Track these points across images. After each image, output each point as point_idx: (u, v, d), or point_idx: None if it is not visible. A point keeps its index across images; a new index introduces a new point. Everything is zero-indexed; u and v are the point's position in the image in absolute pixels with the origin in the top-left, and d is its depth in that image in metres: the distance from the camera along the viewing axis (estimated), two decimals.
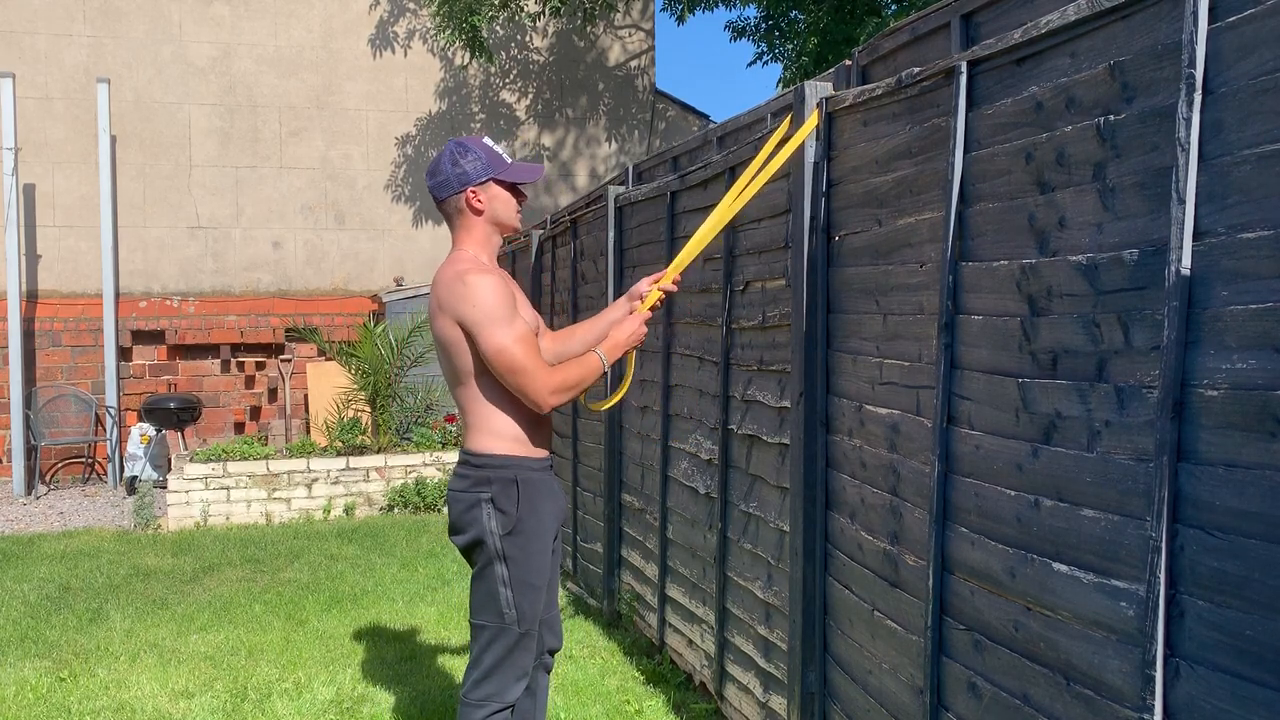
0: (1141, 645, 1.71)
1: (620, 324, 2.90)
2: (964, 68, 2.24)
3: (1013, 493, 2.07)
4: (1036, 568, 1.99)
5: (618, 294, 4.96)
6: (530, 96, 11.29)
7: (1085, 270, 1.88)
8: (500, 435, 2.73)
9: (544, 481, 2.78)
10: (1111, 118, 1.82)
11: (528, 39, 11.23)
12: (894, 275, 2.58)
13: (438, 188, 2.75)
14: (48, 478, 9.76)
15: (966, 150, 2.25)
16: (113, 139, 9.75)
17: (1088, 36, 1.90)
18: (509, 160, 2.78)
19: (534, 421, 2.77)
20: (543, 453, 2.81)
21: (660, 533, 4.36)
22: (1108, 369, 1.82)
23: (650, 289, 2.97)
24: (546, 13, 10.04)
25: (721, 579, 3.71)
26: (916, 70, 2.44)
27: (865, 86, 2.72)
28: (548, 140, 11.34)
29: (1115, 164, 1.82)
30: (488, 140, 2.79)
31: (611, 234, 4.96)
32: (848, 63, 2.95)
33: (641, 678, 4.27)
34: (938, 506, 2.30)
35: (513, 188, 2.78)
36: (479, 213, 2.74)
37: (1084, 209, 1.89)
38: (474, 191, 2.72)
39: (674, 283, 3.01)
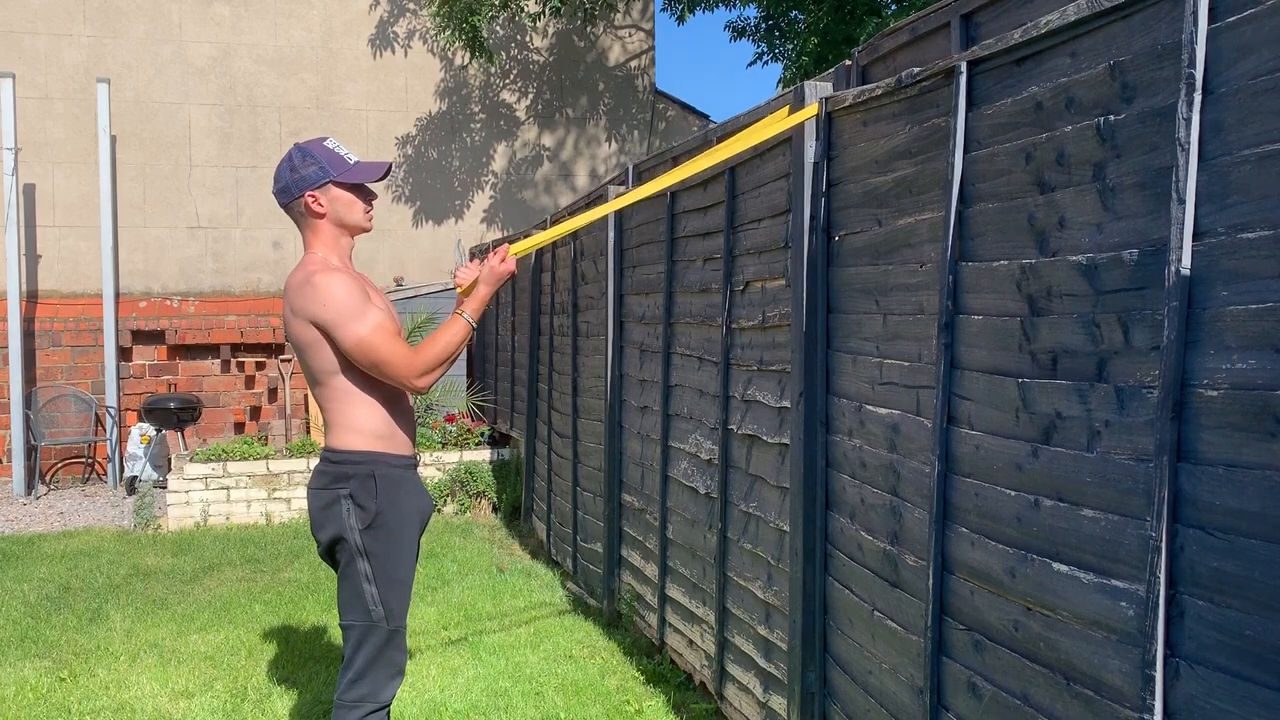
0: (1141, 645, 1.71)
1: (484, 276, 2.81)
2: (964, 68, 2.24)
3: (1013, 493, 2.07)
4: (1036, 568, 1.99)
5: (617, 293, 4.96)
6: (530, 96, 11.29)
7: (1085, 270, 1.88)
8: (358, 432, 2.73)
9: (405, 478, 2.77)
10: (1111, 118, 1.82)
11: (528, 39, 11.23)
12: (894, 275, 2.58)
13: (280, 194, 2.79)
14: (48, 478, 9.76)
15: (966, 150, 2.25)
16: (113, 139, 9.75)
17: (1087, 36, 1.90)
18: (351, 162, 2.78)
19: (394, 419, 2.78)
20: (404, 451, 2.81)
21: (660, 533, 4.36)
22: (1108, 369, 1.82)
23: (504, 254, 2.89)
24: (546, 13, 10.03)
25: (721, 579, 3.71)
26: (916, 70, 2.44)
27: (865, 86, 2.72)
28: (548, 140, 11.34)
29: (1115, 164, 1.82)
30: (330, 143, 2.80)
31: (611, 234, 4.96)
32: (848, 63, 2.95)
33: (641, 678, 4.28)
34: (938, 506, 2.30)
35: (356, 188, 2.80)
36: (320, 215, 2.77)
37: (1084, 209, 1.89)
38: (313, 195, 2.75)
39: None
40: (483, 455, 8.21)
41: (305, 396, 10.24)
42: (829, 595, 2.97)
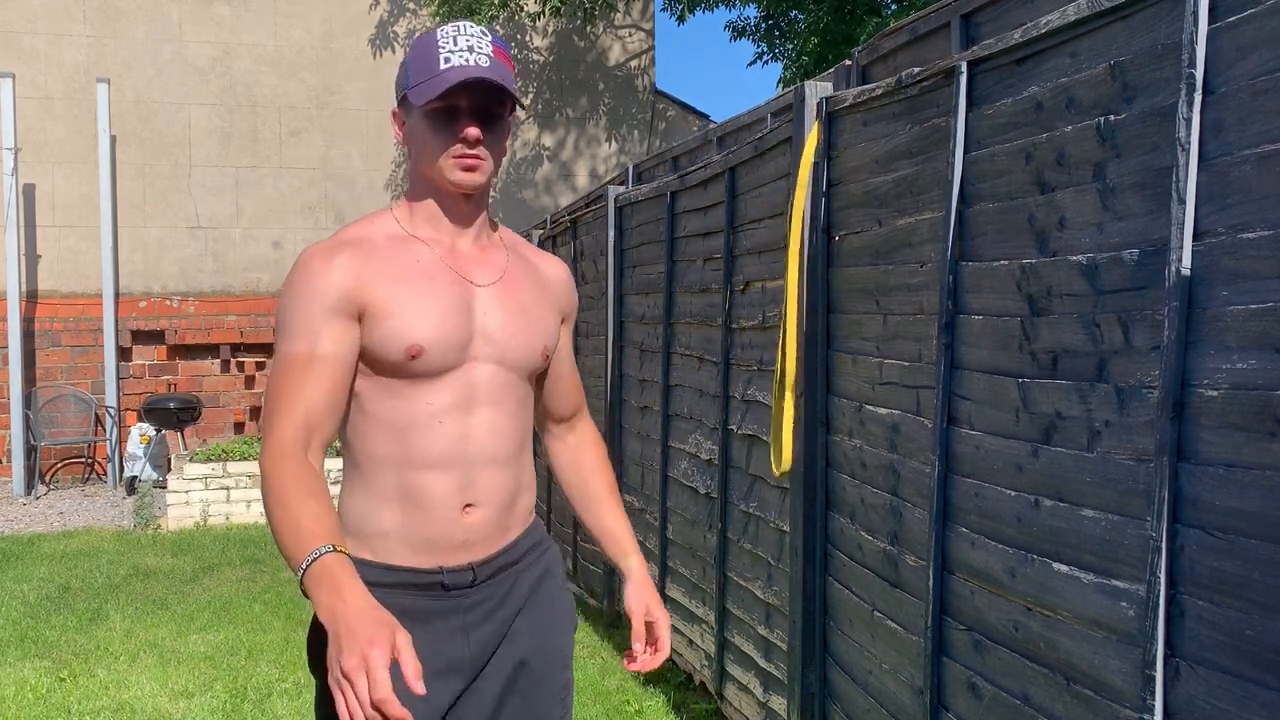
0: (1141, 645, 1.71)
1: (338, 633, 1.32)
2: (964, 68, 2.24)
3: (1013, 493, 2.07)
4: (1036, 568, 1.99)
5: (617, 293, 4.96)
6: (530, 96, 11.29)
7: (1085, 270, 1.88)
8: (346, 513, 1.64)
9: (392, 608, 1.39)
10: (1111, 118, 1.82)
11: (528, 39, 11.22)
12: (894, 275, 2.58)
13: None
14: (48, 478, 9.75)
15: (966, 150, 2.25)
16: (113, 139, 9.74)
17: (1088, 36, 1.90)
18: (441, 66, 1.58)
19: (395, 499, 1.61)
20: (398, 561, 1.61)
21: (660, 532, 4.36)
22: (1108, 369, 1.82)
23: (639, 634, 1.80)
24: (546, 13, 10.03)
25: (721, 579, 3.71)
26: (916, 70, 2.44)
27: (865, 86, 2.72)
28: (548, 140, 11.34)
29: (1115, 164, 1.82)
30: (440, 33, 1.63)
31: (611, 234, 4.96)
32: (848, 63, 2.95)
33: (641, 678, 4.28)
34: (938, 506, 2.30)
35: (434, 114, 1.60)
36: (404, 144, 1.70)
37: (1084, 209, 1.89)
38: (395, 112, 1.70)
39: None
40: None
41: None
42: (829, 595, 2.97)
